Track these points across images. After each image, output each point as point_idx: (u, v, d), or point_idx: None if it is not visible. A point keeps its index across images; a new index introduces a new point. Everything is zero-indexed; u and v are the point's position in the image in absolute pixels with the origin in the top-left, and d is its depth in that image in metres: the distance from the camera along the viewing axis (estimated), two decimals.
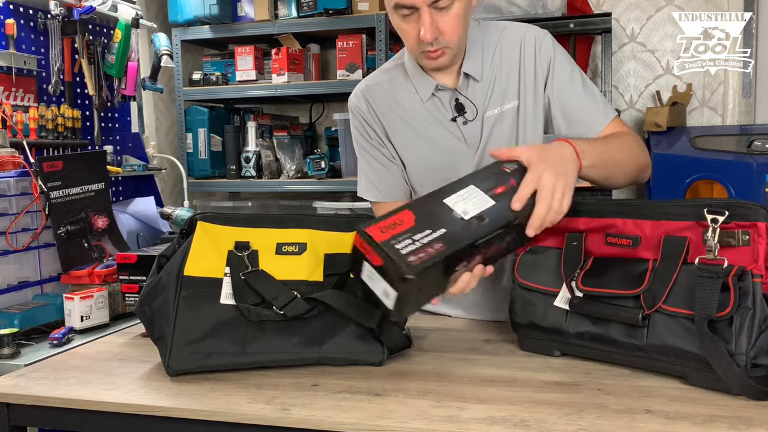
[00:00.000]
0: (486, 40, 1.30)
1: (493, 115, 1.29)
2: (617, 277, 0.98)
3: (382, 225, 0.91)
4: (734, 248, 0.90)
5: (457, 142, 1.30)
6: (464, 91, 1.28)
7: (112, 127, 2.24)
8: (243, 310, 1.01)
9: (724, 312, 0.87)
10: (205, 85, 2.95)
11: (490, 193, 0.98)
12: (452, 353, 1.10)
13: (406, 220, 0.92)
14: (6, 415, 0.97)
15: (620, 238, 1.01)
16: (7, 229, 1.53)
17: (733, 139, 2.66)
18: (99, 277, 1.59)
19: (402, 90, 1.33)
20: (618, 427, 0.79)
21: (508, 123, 1.28)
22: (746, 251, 0.89)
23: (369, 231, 0.90)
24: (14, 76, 1.86)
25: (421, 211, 0.94)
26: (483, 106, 1.28)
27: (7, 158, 1.62)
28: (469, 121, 1.29)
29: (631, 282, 0.96)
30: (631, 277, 0.97)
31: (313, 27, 2.82)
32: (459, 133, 1.30)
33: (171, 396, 0.94)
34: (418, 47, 1.20)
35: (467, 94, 1.28)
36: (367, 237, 0.89)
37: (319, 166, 2.82)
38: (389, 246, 0.88)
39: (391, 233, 0.90)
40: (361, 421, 0.83)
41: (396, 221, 0.92)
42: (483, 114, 1.29)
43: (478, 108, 1.28)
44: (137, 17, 2.07)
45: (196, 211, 1.36)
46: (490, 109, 1.29)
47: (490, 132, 1.28)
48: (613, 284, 0.98)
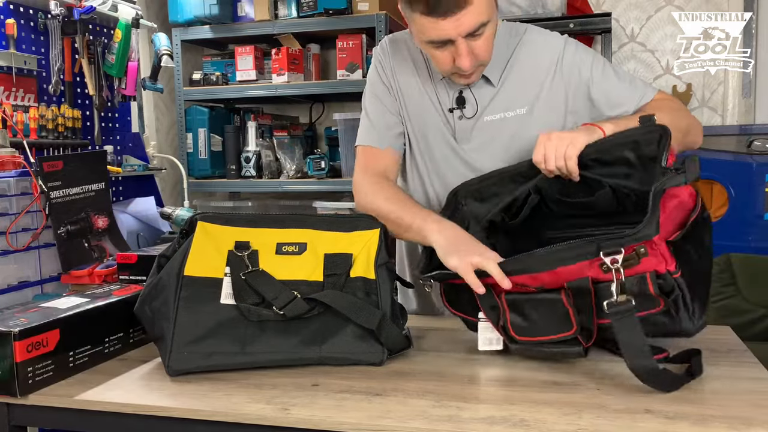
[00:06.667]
0: (506, 43, 1.29)
1: (493, 120, 1.28)
2: (544, 320, 0.98)
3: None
4: (638, 265, 0.91)
5: (446, 133, 1.31)
6: (473, 87, 1.29)
7: (112, 127, 2.24)
8: (243, 310, 1.01)
9: (658, 308, 0.93)
10: (205, 85, 2.95)
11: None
12: (452, 353, 1.10)
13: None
14: (6, 415, 0.97)
15: (524, 286, 1.00)
16: (7, 229, 1.53)
17: (733, 139, 2.66)
18: (99, 277, 1.59)
19: (420, 58, 1.34)
20: (618, 427, 0.79)
21: (508, 131, 1.27)
22: (650, 260, 0.91)
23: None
24: (14, 76, 1.86)
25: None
26: (483, 108, 1.28)
27: (7, 158, 1.62)
28: (465, 117, 1.29)
29: (560, 324, 0.97)
30: (556, 319, 0.97)
31: (313, 27, 2.82)
32: (452, 126, 1.30)
33: (171, 396, 0.94)
34: (451, 69, 1.20)
35: (474, 92, 1.29)
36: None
37: (319, 166, 2.82)
38: None
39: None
40: (361, 421, 0.83)
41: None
42: (481, 116, 1.28)
43: (479, 107, 1.28)
44: (137, 17, 2.07)
45: (196, 211, 1.36)
46: (490, 114, 1.28)
47: (482, 135, 1.28)
48: (545, 330, 0.98)
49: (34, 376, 0.96)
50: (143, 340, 1.17)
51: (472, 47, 1.15)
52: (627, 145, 1.06)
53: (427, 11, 1.10)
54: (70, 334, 1.01)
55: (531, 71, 1.28)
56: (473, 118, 1.29)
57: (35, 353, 0.95)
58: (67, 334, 1.01)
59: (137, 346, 1.16)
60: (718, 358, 1.02)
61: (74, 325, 1.03)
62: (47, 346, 0.97)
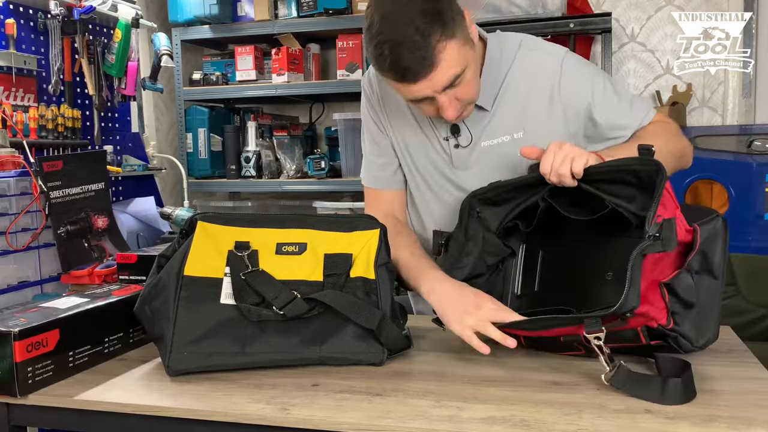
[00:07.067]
0: (497, 66, 1.24)
1: (490, 145, 1.26)
2: (551, 343, 1.04)
3: None
4: (626, 324, 0.93)
5: (443, 161, 1.30)
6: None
7: (112, 127, 2.24)
8: (243, 310, 1.01)
9: (657, 342, 0.98)
10: (205, 85, 2.95)
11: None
12: (452, 353, 1.10)
13: None
14: (6, 415, 0.97)
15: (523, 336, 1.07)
16: (7, 229, 1.53)
17: (733, 139, 2.66)
18: (99, 277, 1.59)
19: None
20: (618, 427, 0.79)
21: (506, 156, 1.24)
22: (638, 319, 0.92)
23: None
24: (14, 76, 1.86)
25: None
26: (479, 135, 1.26)
27: (7, 158, 1.61)
28: (461, 146, 1.27)
29: (567, 346, 1.02)
30: (562, 345, 1.02)
31: (313, 27, 2.82)
32: (448, 154, 1.29)
33: (171, 396, 0.94)
34: (438, 114, 1.17)
35: (467, 120, 1.25)
36: None
37: (319, 166, 2.82)
38: None
39: None
40: (361, 421, 0.83)
41: None
42: (478, 142, 1.26)
43: (473, 136, 1.26)
44: (137, 17, 2.07)
45: (196, 211, 1.37)
46: (487, 139, 1.26)
47: (480, 161, 1.26)
48: (552, 348, 1.06)
49: (34, 376, 0.96)
50: (143, 340, 1.17)
51: (454, 94, 1.12)
52: (628, 173, 1.04)
53: (396, 79, 1.09)
54: (69, 334, 1.01)
55: (526, 94, 1.24)
56: (469, 146, 1.27)
57: (35, 353, 0.95)
58: (67, 334, 1.01)
59: (137, 346, 1.16)
60: (718, 358, 1.02)
61: (74, 325, 1.03)
62: (47, 346, 0.97)
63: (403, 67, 1.06)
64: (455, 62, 1.08)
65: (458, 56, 1.08)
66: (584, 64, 1.29)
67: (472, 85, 1.15)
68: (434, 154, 1.31)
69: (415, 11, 1.04)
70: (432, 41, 1.04)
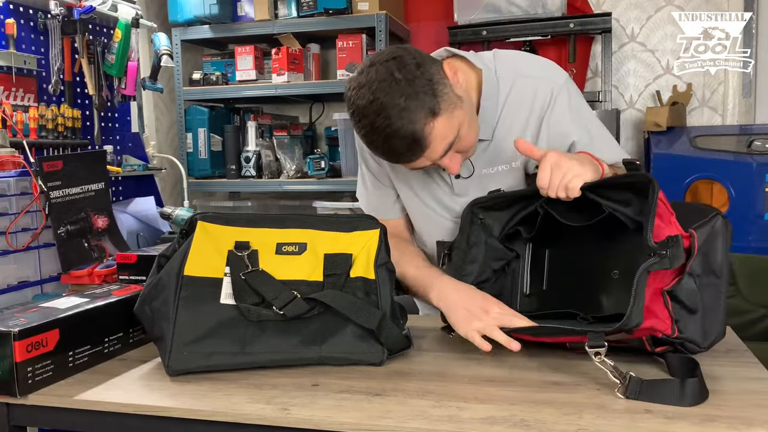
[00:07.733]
0: (495, 99, 1.23)
1: (490, 173, 1.27)
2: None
3: None
4: (631, 335, 0.94)
5: (442, 189, 1.31)
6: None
7: (112, 127, 2.24)
8: (243, 310, 1.01)
9: (664, 348, 0.99)
10: (205, 85, 2.95)
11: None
12: (452, 353, 1.10)
13: None
14: (6, 415, 0.97)
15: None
16: (7, 229, 1.53)
17: (733, 139, 2.66)
18: (99, 277, 1.59)
19: None
20: (618, 427, 0.79)
21: (504, 184, 1.25)
22: (641, 330, 0.93)
23: None
24: (14, 76, 1.86)
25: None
26: (480, 165, 1.27)
27: (7, 158, 1.61)
28: (462, 177, 1.28)
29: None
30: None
31: (313, 27, 2.82)
32: (449, 183, 1.29)
33: (171, 396, 0.94)
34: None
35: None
36: None
37: (319, 165, 2.82)
38: None
39: None
40: (361, 421, 0.83)
41: None
42: (478, 171, 1.27)
43: (475, 167, 1.27)
44: (137, 17, 2.07)
45: (196, 211, 1.36)
46: (486, 167, 1.27)
47: (480, 188, 1.26)
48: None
49: (34, 376, 0.96)
50: (143, 340, 1.17)
51: (453, 151, 1.12)
52: (626, 186, 1.04)
53: (391, 161, 1.12)
54: (69, 334, 1.01)
55: (522, 125, 1.24)
56: (470, 177, 1.28)
57: (35, 353, 0.95)
58: (67, 334, 1.01)
59: (137, 346, 1.16)
60: (718, 358, 1.02)
61: (74, 325, 1.03)
62: (47, 346, 0.97)
63: (397, 154, 1.09)
64: (447, 133, 1.08)
65: (449, 127, 1.08)
66: (576, 98, 1.26)
67: (470, 136, 1.14)
68: (435, 187, 1.32)
69: (399, 99, 1.03)
70: (419, 126, 1.04)
